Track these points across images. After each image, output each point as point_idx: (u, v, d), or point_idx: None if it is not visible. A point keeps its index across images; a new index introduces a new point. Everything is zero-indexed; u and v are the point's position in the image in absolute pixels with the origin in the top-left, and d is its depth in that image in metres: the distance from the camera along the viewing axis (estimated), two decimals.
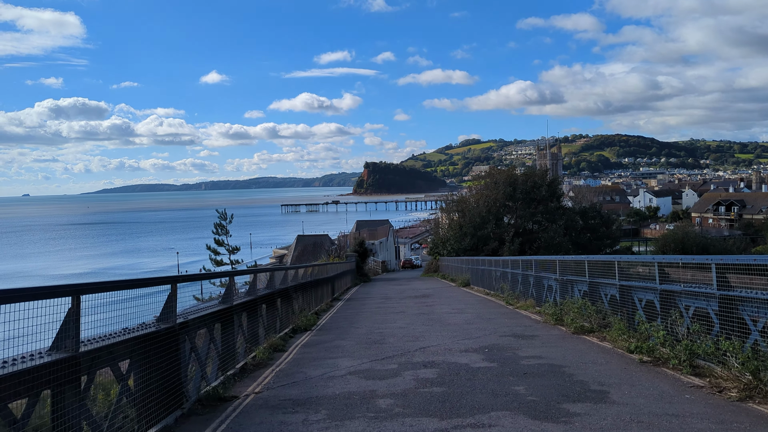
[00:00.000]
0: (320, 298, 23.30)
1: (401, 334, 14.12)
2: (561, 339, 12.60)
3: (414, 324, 16.23)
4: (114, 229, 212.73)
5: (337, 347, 12.61)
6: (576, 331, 13.23)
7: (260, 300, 12.92)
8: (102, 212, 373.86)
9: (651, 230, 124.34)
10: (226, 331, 10.19)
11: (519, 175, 54.66)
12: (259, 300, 12.86)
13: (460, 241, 49.82)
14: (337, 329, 15.87)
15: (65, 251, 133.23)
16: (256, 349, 11.56)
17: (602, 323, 13.19)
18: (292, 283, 17.38)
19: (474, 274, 32.78)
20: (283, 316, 15.51)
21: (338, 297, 28.92)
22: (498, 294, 24.45)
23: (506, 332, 13.84)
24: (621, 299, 12.35)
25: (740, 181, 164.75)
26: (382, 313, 19.91)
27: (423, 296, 27.02)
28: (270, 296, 13.85)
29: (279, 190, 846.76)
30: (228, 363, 10.06)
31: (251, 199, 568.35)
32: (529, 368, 9.52)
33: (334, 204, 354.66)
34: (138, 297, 7.42)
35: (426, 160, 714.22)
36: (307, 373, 9.98)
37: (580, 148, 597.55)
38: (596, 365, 9.58)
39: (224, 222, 41.02)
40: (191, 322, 8.37)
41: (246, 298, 11.89)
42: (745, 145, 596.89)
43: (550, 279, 17.86)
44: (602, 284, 13.71)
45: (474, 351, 11.35)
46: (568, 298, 15.64)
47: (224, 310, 10.06)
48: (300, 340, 13.97)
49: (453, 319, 17.11)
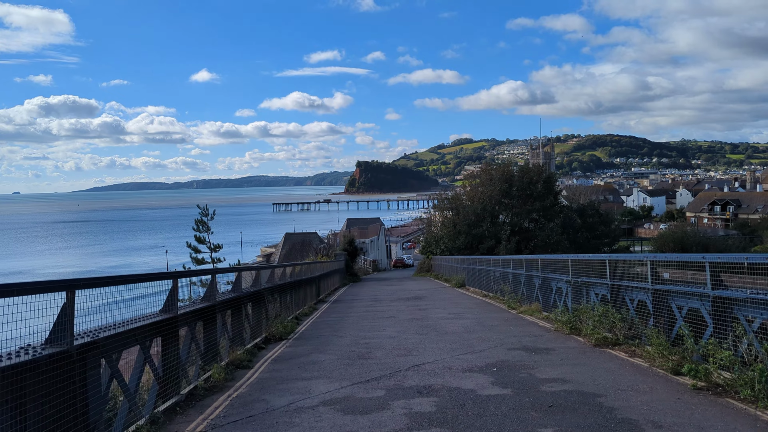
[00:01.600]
0: (302, 301, 21.13)
1: (391, 346, 12.00)
2: (581, 353, 10.52)
3: (406, 332, 14.12)
4: (103, 227, 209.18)
5: (314, 363, 10.46)
6: (597, 343, 11.16)
7: (222, 306, 10.76)
8: (92, 210, 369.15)
9: (645, 230, 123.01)
10: (169, 348, 8.03)
11: (515, 171, 52.66)
12: (221, 306, 10.70)
13: (454, 240, 47.79)
14: (317, 339, 13.72)
15: (45, 250, 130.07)
16: (212, 367, 9.39)
17: (628, 334, 11.14)
18: (267, 285, 15.21)
19: (470, 274, 30.71)
20: (255, 323, 13.34)
21: (324, 299, 26.76)
22: (498, 296, 22.40)
23: (514, 344, 11.75)
24: (655, 306, 10.29)
25: (734, 181, 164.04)
26: (370, 318, 17.77)
27: (416, 298, 24.92)
28: (235, 301, 11.69)
29: (271, 189, 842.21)
30: (170, 389, 7.91)
31: (243, 198, 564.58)
32: (553, 397, 7.42)
33: (325, 203, 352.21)
34: None
35: (418, 160, 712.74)
36: (270, 402, 7.84)
37: (572, 148, 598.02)
38: (639, 393, 7.49)
39: (206, 218, 38.69)
40: (104, 341, 6.21)
41: (201, 304, 9.73)
42: (736, 146, 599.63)
43: (560, 281, 15.79)
44: (627, 288, 11.65)
45: (479, 370, 9.25)
46: (584, 304, 13.59)
47: (165, 321, 7.91)
48: (271, 353, 11.81)
49: (450, 326, 15.01)
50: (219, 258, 39.33)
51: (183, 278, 8.38)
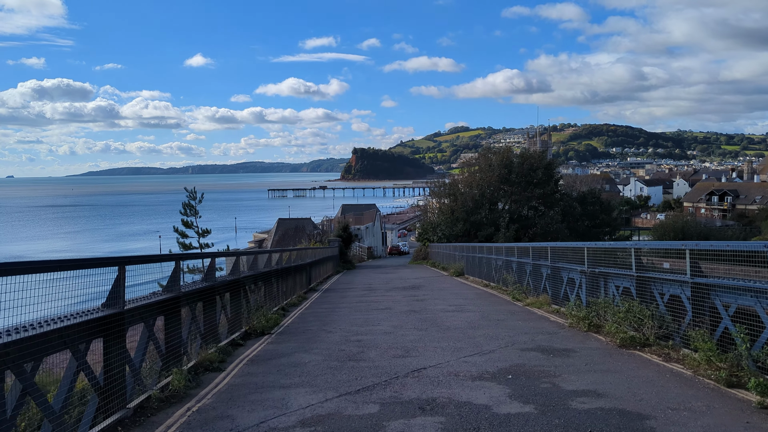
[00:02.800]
0: (291, 290, 19.62)
1: (386, 344, 10.51)
2: (607, 356, 9.07)
3: (403, 327, 12.64)
4: (96, 211, 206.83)
5: (297, 366, 8.96)
6: (623, 343, 9.71)
7: (190, 298, 9.23)
8: (86, 194, 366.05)
9: (642, 219, 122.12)
10: (113, 351, 6.51)
11: (515, 156, 51.09)
12: (189, 298, 9.18)
13: (451, 227, 46.32)
14: (304, 334, 12.22)
15: (34, 236, 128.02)
16: (174, 371, 7.87)
17: (659, 333, 9.70)
18: (248, 273, 13.69)
19: (469, 262, 29.26)
20: (233, 316, 11.83)
21: (315, 287, 25.26)
22: (500, 287, 20.95)
23: (527, 343, 10.28)
24: (694, 303, 8.82)
25: (732, 171, 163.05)
26: (363, 309, 16.28)
27: (413, 287, 23.46)
28: (208, 292, 10.16)
29: (266, 175, 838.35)
30: (115, 402, 6.40)
31: (238, 184, 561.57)
32: (590, 419, 5.95)
33: (321, 189, 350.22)
34: None
35: (414, 147, 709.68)
36: (236, 420, 6.33)
37: (568, 137, 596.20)
38: (695, 414, 6.03)
39: (193, 202, 37.01)
40: (11, 349, 4.68)
41: (162, 296, 8.19)
42: (731, 137, 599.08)
43: (572, 271, 14.31)
44: (657, 281, 10.18)
45: (492, 378, 7.77)
46: (602, 297, 12.13)
47: (107, 318, 6.38)
48: (249, 352, 10.30)
49: (452, 320, 13.54)
50: (207, 243, 37.73)
51: (134, 265, 6.83)
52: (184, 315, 9.13)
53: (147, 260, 7.69)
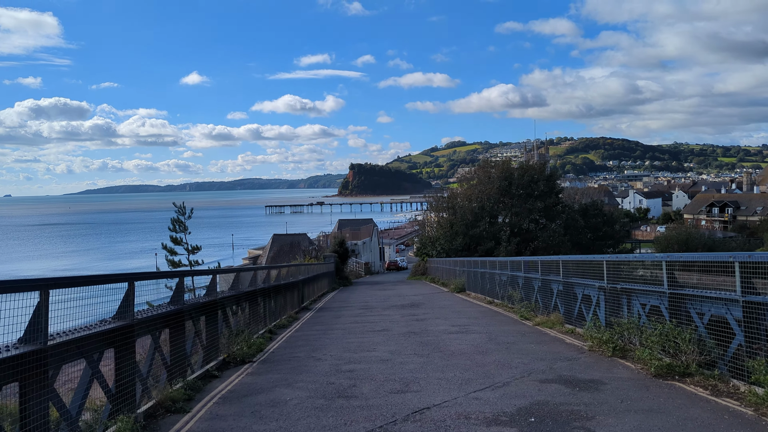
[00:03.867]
0: (280, 310, 18.17)
1: (382, 376, 9.09)
2: (643, 389, 7.66)
3: (402, 353, 11.21)
4: (93, 229, 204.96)
5: (275, 406, 7.53)
6: (658, 372, 8.32)
7: (148, 326, 7.83)
8: (83, 212, 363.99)
9: (642, 232, 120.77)
10: (33, 396, 5.11)
11: (515, 168, 49.88)
12: (147, 326, 7.77)
13: (451, 241, 44.95)
14: (289, 362, 10.78)
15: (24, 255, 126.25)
16: (119, 419, 6.43)
17: (700, 360, 8.31)
18: (229, 293, 12.28)
19: (471, 277, 27.84)
20: (208, 342, 10.40)
21: (308, 306, 23.80)
22: (505, 304, 19.54)
23: (546, 372, 8.88)
24: (748, 326, 7.43)
25: (731, 183, 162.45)
26: (358, 332, 14.85)
27: (412, 305, 22.03)
28: (174, 317, 8.74)
29: (264, 192, 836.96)
30: None
31: (236, 200, 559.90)
32: None
33: (318, 205, 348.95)
34: None
35: (411, 162, 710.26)
36: None
37: (564, 150, 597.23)
38: None
39: (182, 217, 35.58)
40: None
41: (108, 325, 6.77)
42: (727, 149, 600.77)
43: (588, 287, 12.93)
44: (696, 299, 8.81)
45: (511, 421, 6.36)
46: (626, 317, 10.76)
47: (27, 356, 4.98)
48: (223, 387, 8.86)
49: (457, 343, 12.12)
50: (197, 260, 36.24)
51: (61, 289, 5.42)
52: (145, 346, 7.73)
53: (82, 282, 6.25)
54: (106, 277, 6.99)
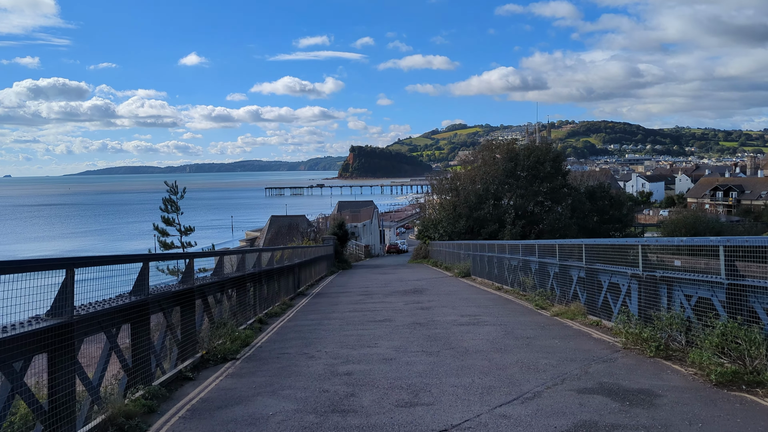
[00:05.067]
0: (273, 296, 16.71)
1: (386, 380, 7.64)
2: (710, 404, 6.21)
3: (408, 349, 9.77)
4: (91, 210, 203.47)
5: (253, 423, 6.06)
6: (720, 379, 6.86)
7: (98, 321, 6.35)
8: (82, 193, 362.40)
9: (645, 216, 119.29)
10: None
11: (520, 149, 48.20)
12: (94, 322, 6.30)
13: (453, 224, 43.46)
14: (277, 360, 9.32)
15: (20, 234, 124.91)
16: None
17: None
18: (210, 280, 10.81)
19: (477, 261, 26.39)
20: (185, 337, 8.95)
21: (304, 291, 22.38)
22: (516, 290, 18.11)
23: (582, 377, 7.41)
24: None
25: (735, 167, 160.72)
26: (357, 322, 13.40)
27: (415, 291, 20.60)
28: (137, 309, 7.25)
29: (264, 174, 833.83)
30: None
31: (235, 182, 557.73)
32: None
33: (318, 187, 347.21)
34: None
35: (412, 145, 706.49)
36: None
37: (566, 134, 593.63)
38: None
39: (174, 197, 34.05)
40: None
41: (44, 323, 5.29)
42: (729, 133, 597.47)
43: (617, 275, 11.45)
44: (760, 290, 7.34)
45: None
46: (666, 310, 9.30)
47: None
48: (195, 394, 7.40)
49: (469, 337, 10.67)
50: (191, 242, 34.81)
51: None
52: (91, 349, 6.26)
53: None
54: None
